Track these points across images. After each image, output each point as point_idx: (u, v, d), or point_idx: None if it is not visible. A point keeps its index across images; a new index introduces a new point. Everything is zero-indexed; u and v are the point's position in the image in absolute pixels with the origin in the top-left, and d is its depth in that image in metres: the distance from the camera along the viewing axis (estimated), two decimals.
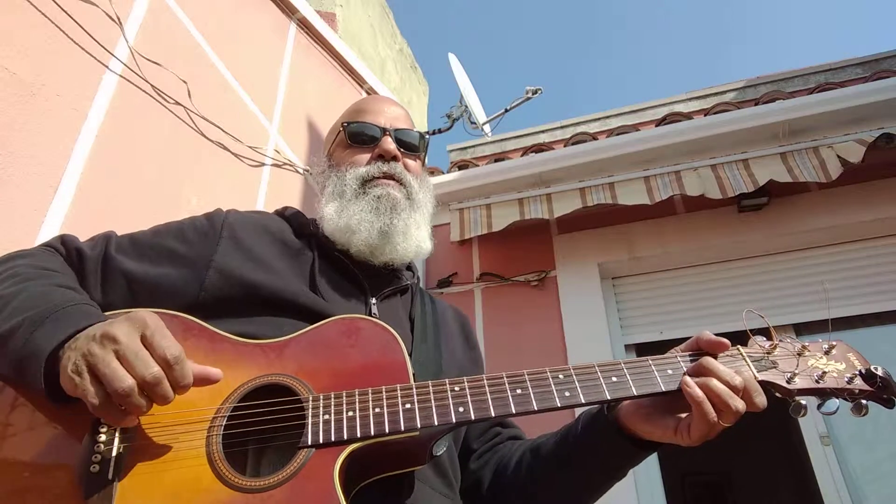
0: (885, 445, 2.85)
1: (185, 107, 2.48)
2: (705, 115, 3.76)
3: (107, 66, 2.13)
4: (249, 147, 2.86)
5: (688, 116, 3.91)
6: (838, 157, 3.06)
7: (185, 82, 2.47)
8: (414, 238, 1.13)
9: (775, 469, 5.74)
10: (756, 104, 3.71)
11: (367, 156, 1.17)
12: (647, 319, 3.50)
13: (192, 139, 2.52)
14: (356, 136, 1.20)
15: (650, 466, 3.07)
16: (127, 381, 0.71)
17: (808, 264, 3.34)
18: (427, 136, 1.27)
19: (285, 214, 1.19)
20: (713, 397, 0.82)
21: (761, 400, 0.84)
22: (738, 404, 0.82)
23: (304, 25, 3.67)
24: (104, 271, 0.98)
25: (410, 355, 0.99)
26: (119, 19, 2.20)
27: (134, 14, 2.31)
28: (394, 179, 1.15)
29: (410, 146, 1.21)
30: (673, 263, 3.56)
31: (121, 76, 2.18)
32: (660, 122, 3.93)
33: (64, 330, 0.78)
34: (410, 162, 1.21)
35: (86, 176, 1.94)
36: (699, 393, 0.82)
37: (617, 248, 3.59)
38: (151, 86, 2.32)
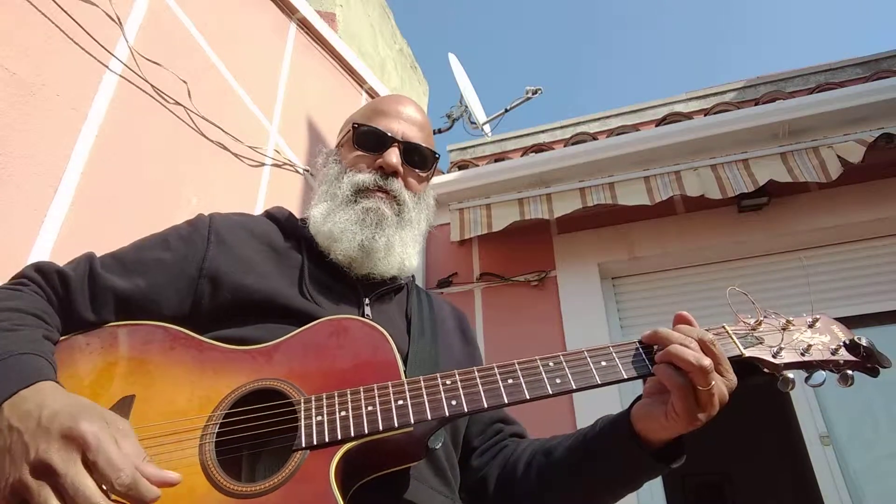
0: (885, 445, 2.85)
1: (185, 107, 2.48)
2: (705, 115, 3.76)
3: (107, 66, 2.13)
4: (249, 147, 2.86)
5: (688, 116, 3.91)
6: (838, 157, 3.06)
7: (185, 82, 2.47)
8: (397, 255, 1.09)
9: (775, 469, 5.74)
10: (756, 104, 3.71)
11: (369, 162, 1.13)
12: (647, 319, 3.49)
13: (192, 139, 2.53)
14: (363, 139, 1.15)
15: None
16: None
17: (807, 264, 3.34)
18: (438, 156, 1.20)
19: (275, 216, 1.16)
20: (674, 359, 0.81)
21: (717, 349, 0.83)
22: (690, 355, 0.80)
23: (304, 25, 3.67)
24: (91, 289, 0.95)
25: (407, 354, 0.99)
26: (119, 19, 2.20)
27: (134, 14, 2.31)
28: (388, 195, 1.11)
29: (417, 163, 1.16)
30: (673, 263, 3.56)
31: (121, 76, 2.18)
32: (660, 122, 3.93)
33: None
34: (412, 179, 1.16)
35: (86, 176, 1.94)
36: (661, 358, 0.83)
37: (617, 248, 3.59)
38: (151, 86, 2.32)
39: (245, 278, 0.97)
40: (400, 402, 0.81)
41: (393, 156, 1.12)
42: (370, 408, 0.81)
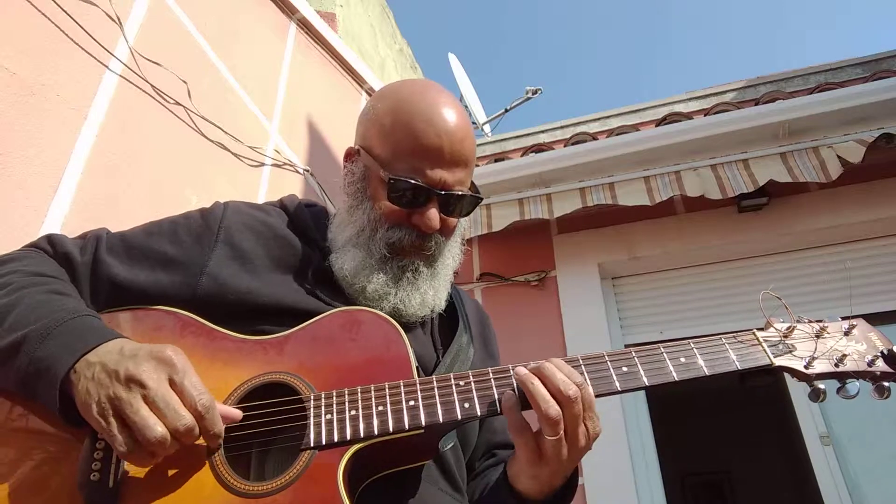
0: (885, 445, 2.85)
1: (185, 107, 2.47)
2: (705, 115, 3.75)
3: (107, 66, 2.13)
4: (249, 147, 2.86)
5: (688, 116, 3.91)
6: (838, 157, 3.06)
7: (185, 82, 2.47)
8: (429, 306, 1.02)
9: (775, 469, 5.74)
10: (756, 104, 3.70)
11: (404, 216, 0.99)
12: (647, 319, 3.50)
13: (192, 139, 2.52)
14: (399, 195, 0.97)
15: (650, 466, 3.07)
16: (158, 430, 0.70)
17: (808, 264, 3.34)
18: (481, 198, 1.05)
19: (290, 210, 1.09)
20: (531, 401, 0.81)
21: (584, 395, 0.82)
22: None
23: (304, 25, 3.67)
24: (93, 278, 0.94)
25: (443, 354, 0.98)
26: (119, 19, 2.20)
27: (134, 14, 2.31)
28: (425, 251, 1.01)
29: (457, 212, 1.02)
30: (673, 263, 3.56)
31: (121, 76, 2.18)
32: (660, 122, 3.93)
33: (72, 350, 0.76)
34: (451, 223, 1.03)
35: (86, 176, 1.93)
36: (524, 372, 0.83)
37: (617, 248, 3.59)
38: (151, 86, 2.32)
39: (252, 281, 0.94)
40: (411, 403, 0.80)
41: (432, 217, 0.97)
42: (381, 408, 0.79)
